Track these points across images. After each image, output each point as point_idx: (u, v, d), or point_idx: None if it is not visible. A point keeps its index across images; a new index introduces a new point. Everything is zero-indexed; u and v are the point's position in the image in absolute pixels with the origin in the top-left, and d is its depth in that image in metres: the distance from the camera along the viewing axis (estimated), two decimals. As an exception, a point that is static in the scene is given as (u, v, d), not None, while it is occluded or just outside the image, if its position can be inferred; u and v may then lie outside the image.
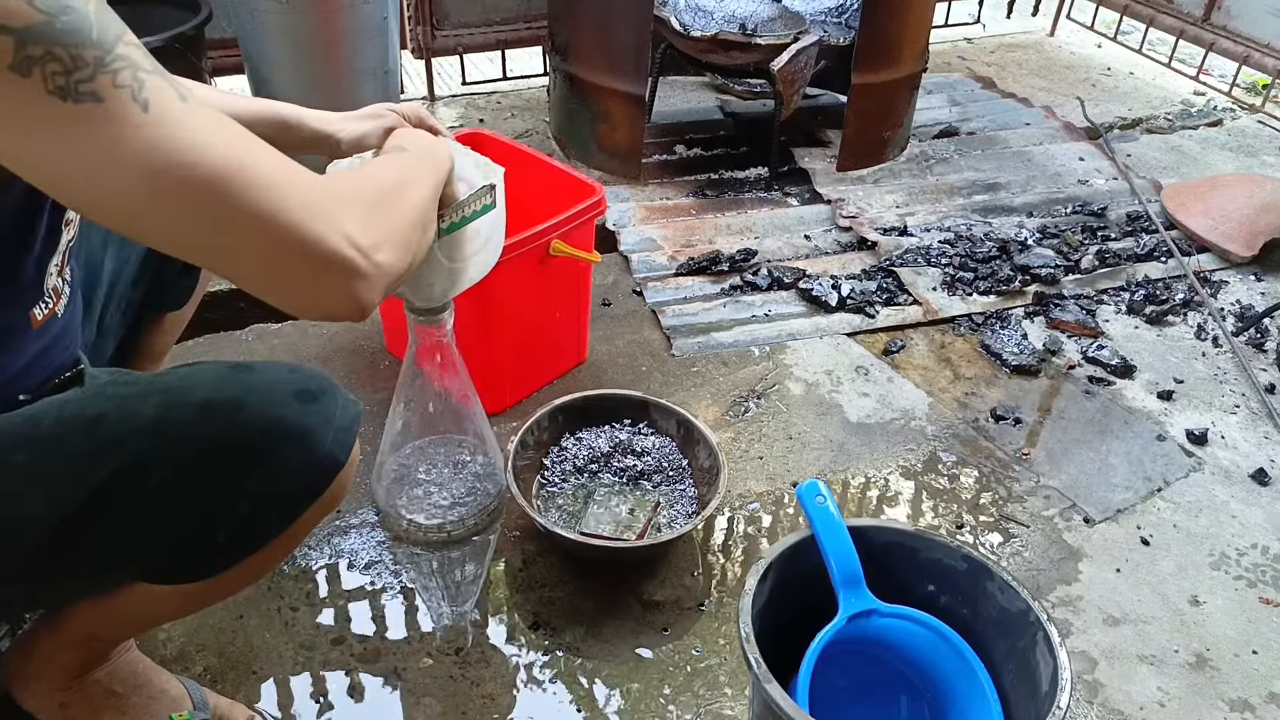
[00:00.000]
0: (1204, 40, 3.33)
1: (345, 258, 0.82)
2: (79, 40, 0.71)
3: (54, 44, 0.70)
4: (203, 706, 1.26)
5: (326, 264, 0.81)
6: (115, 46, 0.73)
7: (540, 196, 1.84)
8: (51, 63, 0.70)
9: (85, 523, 0.95)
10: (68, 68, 0.70)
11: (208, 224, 0.77)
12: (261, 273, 0.81)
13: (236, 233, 0.78)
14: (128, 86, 0.72)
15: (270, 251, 0.79)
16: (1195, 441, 1.90)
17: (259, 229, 0.78)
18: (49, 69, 0.70)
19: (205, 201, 0.75)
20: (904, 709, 1.30)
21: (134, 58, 0.74)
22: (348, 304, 0.85)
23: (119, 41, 0.73)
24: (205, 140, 0.75)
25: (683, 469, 1.70)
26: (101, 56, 0.72)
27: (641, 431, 1.74)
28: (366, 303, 0.86)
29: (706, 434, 1.66)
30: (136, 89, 0.73)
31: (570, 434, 1.73)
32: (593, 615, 1.50)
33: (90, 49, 0.71)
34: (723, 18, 2.64)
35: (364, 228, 0.85)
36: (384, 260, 0.86)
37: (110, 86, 0.72)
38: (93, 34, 0.71)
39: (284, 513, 1.05)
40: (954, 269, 2.32)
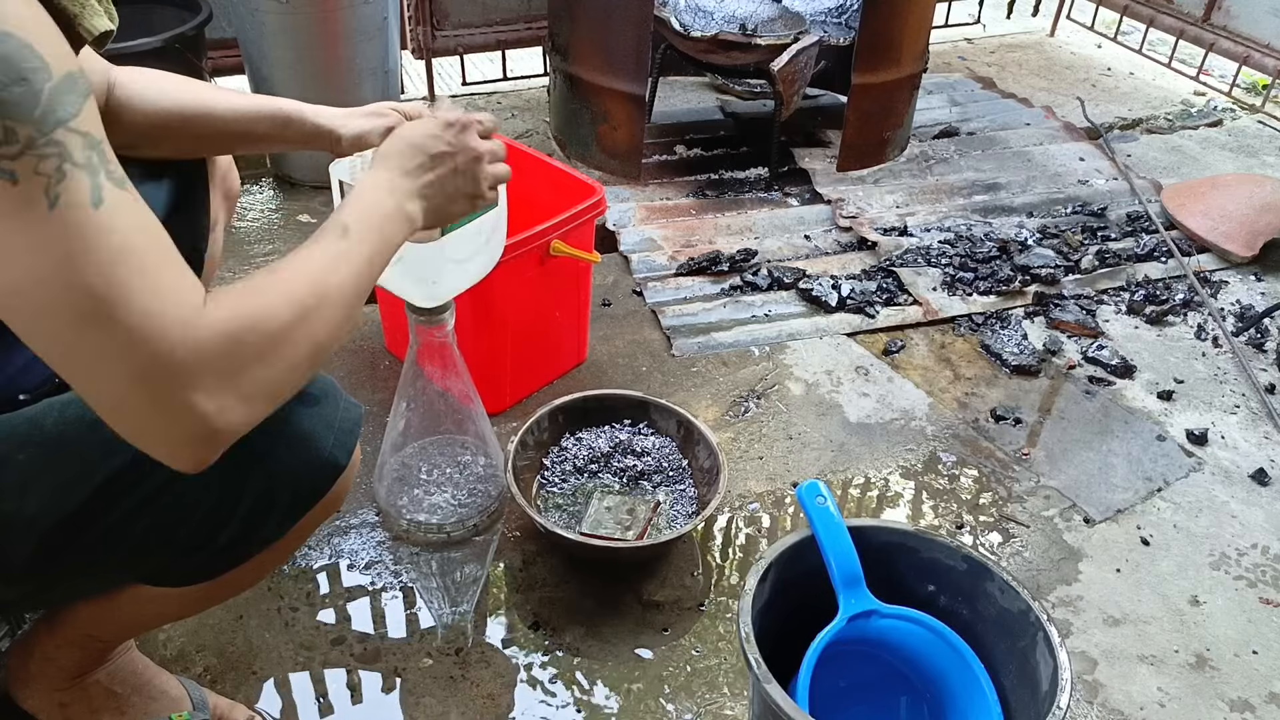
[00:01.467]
0: (1204, 40, 3.33)
1: (183, 424, 0.78)
2: (19, 115, 0.69)
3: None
4: (202, 707, 1.26)
5: (164, 421, 0.78)
6: (54, 131, 0.71)
7: (540, 196, 1.84)
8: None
9: (85, 524, 0.95)
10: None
11: (65, 337, 0.74)
12: (104, 407, 0.78)
13: (87, 356, 0.75)
14: (46, 176, 0.70)
15: (113, 386, 0.76)
16: (1195, 441, 1.90)
17: (108, 361, 0.74)
18: None
19: (69, 314, 0.73)
20: (904, 709, 1.30)
21: (68, 146, 0.71)
22: (179, 462, 0.81)
23: (60, 126, 0.71)
24: (92, 253, 0.72)
25: (683, 469, 1.70)
26: (34, 138, 0.70)
27: (641, 432, 1.74)
28: (197, 464, 0.82)
29: (706, 434, 1.66)
30: (54, 180, 0.71)
31: (570, 434, 1.73)
32: (593, 615, 1.50)
33: (26, 126, 0.69)
34: (723, 18, 2.64)
35: (221, 389, 0.79)
36: (229, 424, 0.81)
37: (30, 171, 0.70)
38: (35, 112, 0.70)
39: (284, 516, 1.05)
40: (954, 269, 2.32)
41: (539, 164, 1.91)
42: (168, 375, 0.76)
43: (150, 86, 1.15)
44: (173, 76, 1.22)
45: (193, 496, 0.97)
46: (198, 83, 1.26)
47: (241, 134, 1.26)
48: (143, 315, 0.74)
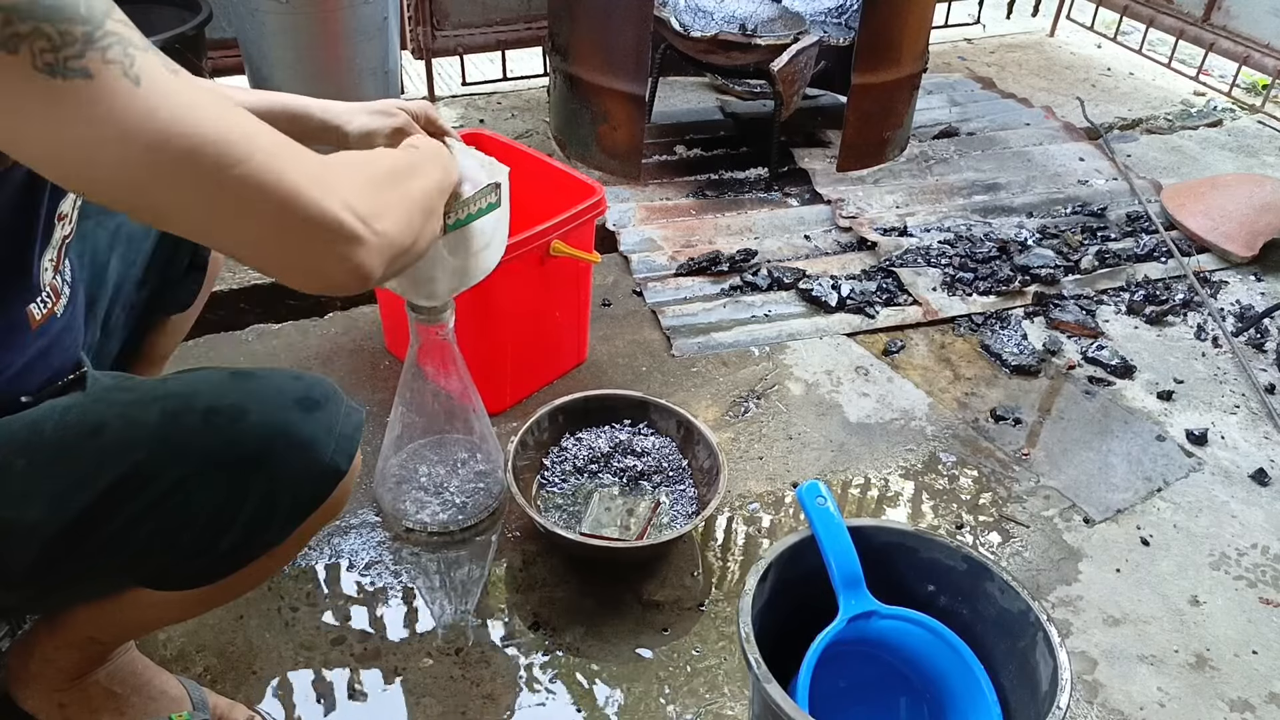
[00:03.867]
0: (1204, 40, 3.33)
1: (344, 222, 0.81)
2: (67, 16, 0.69)
3: (42, 20, 0.68)
4: (202, 707, 1.26)
5: (326, 229, 0.80)
6: (104, 23, 0.72)
7: (540, 196, 1.84)
8: (39, 39, 0.68)
9: (86, 529, 0.95)
10: (55, 44, 0.69)
11: (206, 192, 0.75)
12: (260, 240, 0.80)
13: (235, 200, 0.76)
14: (118, 62, 0.71)
15: (268, 217, 0.78)
16: (1195, 441, 1.90)
17: (258, 195, 0.77)
18: (37, 46, 0.68)
19: (203, 169, 0.74)
20: (903, 710, 1.30)
21: (123, 34, 0.73)
22: (347, 271, 0.83)
23: (107, 18, 0.72)
24: (200, 110, 0.74)
25: (683, 469, 1.70)
26: (90, 33, 0.70)
27: (641, 432, 1.74)
28: (367, 270, 0.84)
29: (706, 434, 1.66)
30: (127, 64, 0.72)
31: (570, 434, 1.73)
32: (593, 615, 1.50)
33: (79, 25, 0.70)
34: (723, 18, 2.64)
35: (365, 198, 0.84)
36: (385, 229, 0.85)
37: (100, 62, 0.70)
38: (80, 9, 0.70)
39: (285, 520, 1.05)
40: (954, 269, 2.32)
41: (539, 164, 1.91)
42: (312, 182, 0.79)
43: None
44: None
45: (194, 501, 0.97)
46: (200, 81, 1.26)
47: None
48: (272, 139, 0.78)
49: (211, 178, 0.75)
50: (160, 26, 2.22)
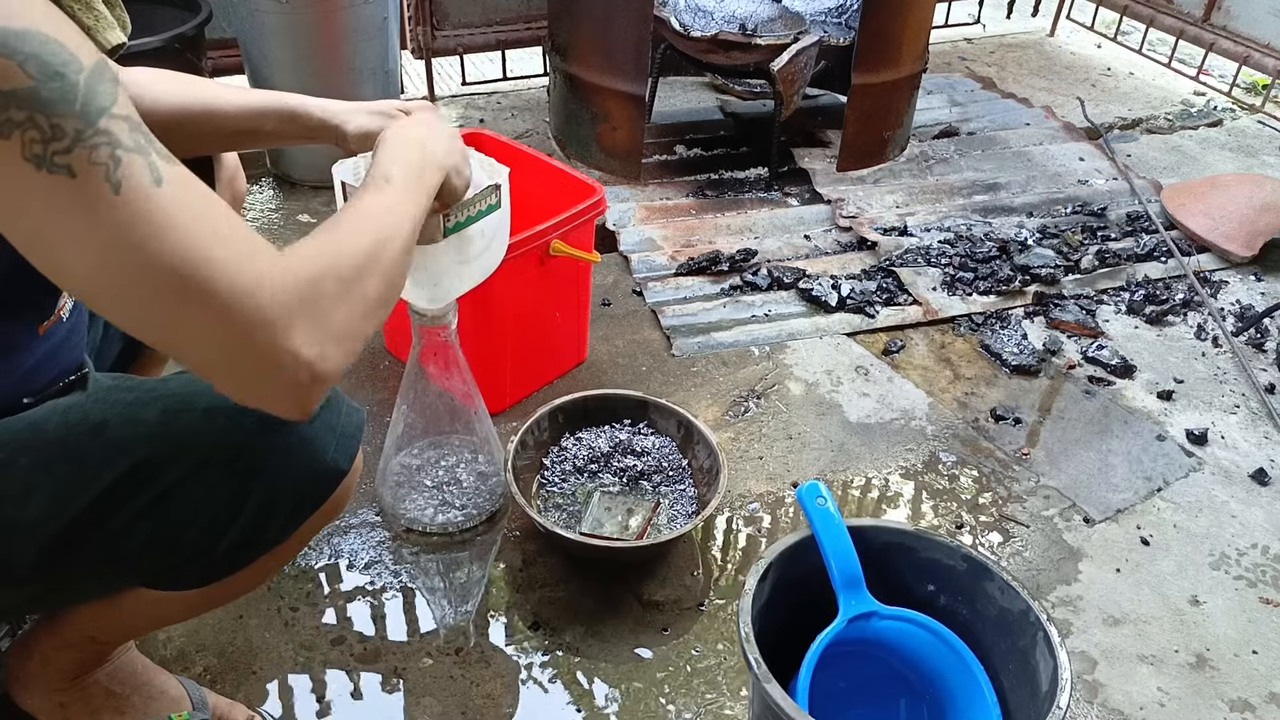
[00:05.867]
0: (1204, 40, 3.33)
1: (289, 372, 0.80)
2: (62, 111, 0.70)
3: (36, 110, 0.69)
4: (202, 707, 1.26)
5: (271, 373, 0.79)
6: (98, 120, 0.71)
7: (540, 196, 1.84)
8: (31, 129, 0.69)
9: (87, 528, 0.95)
10: (46, 137, 0.69)
11: (157, 313, 0.75)
12: (206, 366, 0.80)
13: (185, 328, 0.76)
14: (102, 164, 0.71)
15: (216, 351, 0.78)
16: (1195, 441, 1.90)
17: (207, 329, 0.76)
18: (28, 135, 0.69)
19: (158, 293, 0.74)
20: (903, 710, 1.30)
21: (116, 133, 0.72)
22: (287, 408, 0.83)
23: (103, 114, 0.72)
24: (168, 230, 0.73)
25: (682, 469, 1.70)
26: (82, 130, 0.71)
27: (641, 432, 1.74)
28: (309, 404, 0.84)
29: (706, 434, 1.66)
30: (111, 167, 0.71)
31: (570, 434, 1.73)
32: (593, 615, 1.50)
33: (72, 120, 0.70)
34: (723, 18, 2.64)
35: (315, 333, 0.81)
36: (330, 366, 0.83)
37: (85, 162, 0.70)
38: (77, 105, 0.70)
39: (286, 520, 1.05)
40: (954, 269, 2.32)
41: (539, 164, 1.91)
42: (263, 329, 0.78)
43: (154, 86, 1.15)
44: (176, 75, 1.22)
45: (195, 501, 0.97)
46: (202, 80, 1.26)
47: (249, 131, 1.27)
48: (230, 278, 0.76)
49: (162, 302, 0.75)
50: (160, 26, 2.22)
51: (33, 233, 0.72)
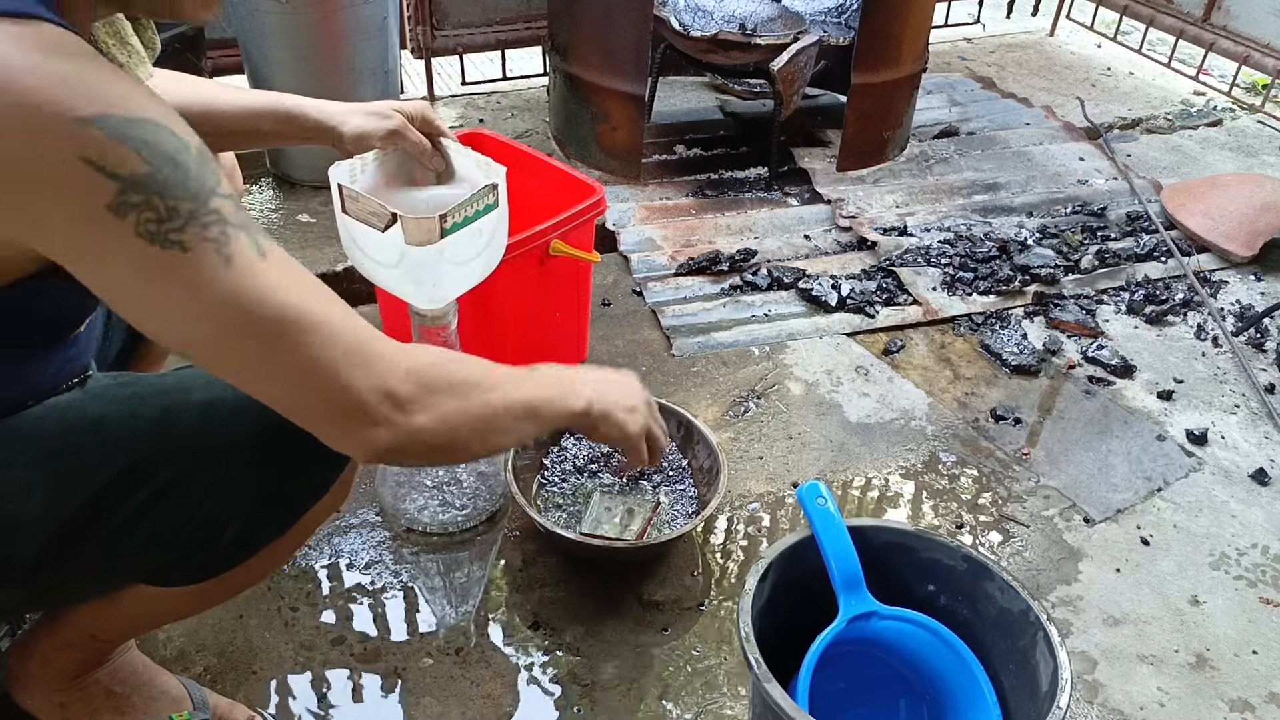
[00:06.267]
0: (1204, 40, 3.33)
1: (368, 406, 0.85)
2: (177, 193, 0.76)
3: (153, 194, 0.74)
4: (203, 707, 1.26)
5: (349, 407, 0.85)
6: (209, 200, 0.78)
7: (540, 196, 1.84)
8: (147, 210, 0.74)
9: (88, 524, 0.95)
10: (161, 217, 0.75)
11: (255, 363, 0.82)
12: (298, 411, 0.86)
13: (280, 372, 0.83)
14: (214, 240, 0.77)
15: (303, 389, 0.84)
16: (1195, 441, 1.90)
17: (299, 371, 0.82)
18: (144, 215, 0.74)
19: (261, 346, 0.81)
20: (903, 710, 1.30)
21: (224, 211, 0.78)
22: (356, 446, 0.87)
23: (213, 195, 0.78)
24: (281, 293, 0.80)
25: (683, 469, 1.70)
26: (195, 210, 0.77)
27: None
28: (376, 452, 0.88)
29: (706, 434, 1.66)
30: (222, 243, 0.78)
31: (571, 433, 1.73)
32: (593, 615, 1.50)
33: (186, 201, 0.76)
34: (723, 18, 2.64)
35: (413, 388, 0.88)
36: (419, 423, 0.89)
37: (198, 239, 0.77)
38: (190, 186, 0.77)
39: (286, 514, 1.05)
40: (954, 269, 2.32)
41: (539, 164, 1.91)
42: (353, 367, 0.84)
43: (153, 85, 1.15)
44: (175, 74, 1.22)
45: (195, 495, 0.97)
46: (201, 80, 1.26)
47: (246, 132, 1.27)
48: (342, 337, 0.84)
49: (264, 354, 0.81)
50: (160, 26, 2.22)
51: (141, 301, 0.78)
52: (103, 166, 0.73)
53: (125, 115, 0.74)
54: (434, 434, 0.90)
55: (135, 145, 0.74)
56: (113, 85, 0.76)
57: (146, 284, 0.77)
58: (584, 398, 1.12)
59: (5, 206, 0.75)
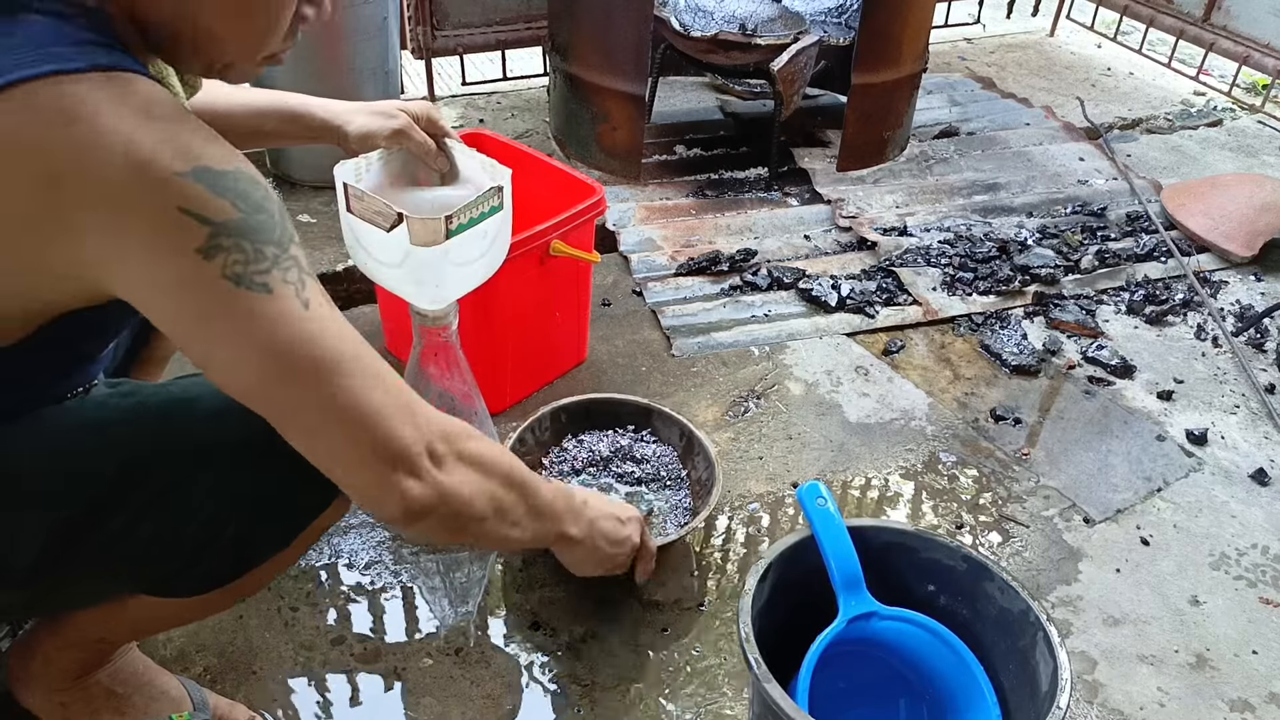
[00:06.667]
0: (1204, 40, 3.33)
1: (410, 452, 0.89)
2: (264, 238, 0.81)
3: (243, 238, 0.80)
4: (203, 707, 1.26)
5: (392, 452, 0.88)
6: (289, 247, 0.83)
7: (540, 196, 1.84)
8: (236, 253, 0.79)
9: (87, 530, 0.95)
10: (249, 259, 0.80)
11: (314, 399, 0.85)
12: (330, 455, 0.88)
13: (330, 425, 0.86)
14: (294, 284, 0.83)
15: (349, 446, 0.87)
16: (1195, 441, 1.90)
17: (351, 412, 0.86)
18: (232, 258, 0.79)
19: (325, 382, 0.85)
20: (903, 710, 1.30)
21: (299, 259, 0.84)
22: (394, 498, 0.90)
23: (292, 243, 0.84)
24: (342, 340, 0.86)
25: (681, 478, 1.68)
26: (279, 255, 0.82)
27: (644, 439, 1.73)
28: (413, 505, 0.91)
29: (707, 446, 1.65)
30: (299, 287, 0.83)
31: (572, 435, 1.72)
32: (592, 615, 1.50)
33: (271, 246, 0.82)
34: (723, 18, 2.64)
35: (454, 451, 0.94)
36: (452, 482, 0.93)
37: (281, 282, 0.82)
38: (276, 233, 0.82)
39: (290, 522, 1.05)
40: (954, 269, 2.32)
41: (539, 164, 1.91)
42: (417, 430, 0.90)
43: None
44: None
45: (196, 504, 0.97)
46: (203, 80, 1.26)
47: (250, 131, 1.27)
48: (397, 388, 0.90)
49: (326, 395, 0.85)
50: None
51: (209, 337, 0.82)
52: (199, 214, 0.78)
53: (219, 168, 0.80)
54: (459, 500, 0.94)
55: (229, 195, 0.79)
56: (203, 138, 0.81)
57: (225, 322, 0.80)
58: (575, 535, 1.18)
59: (94, 245, 0.78)
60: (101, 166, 0.76)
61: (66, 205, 0.76)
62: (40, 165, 0.76)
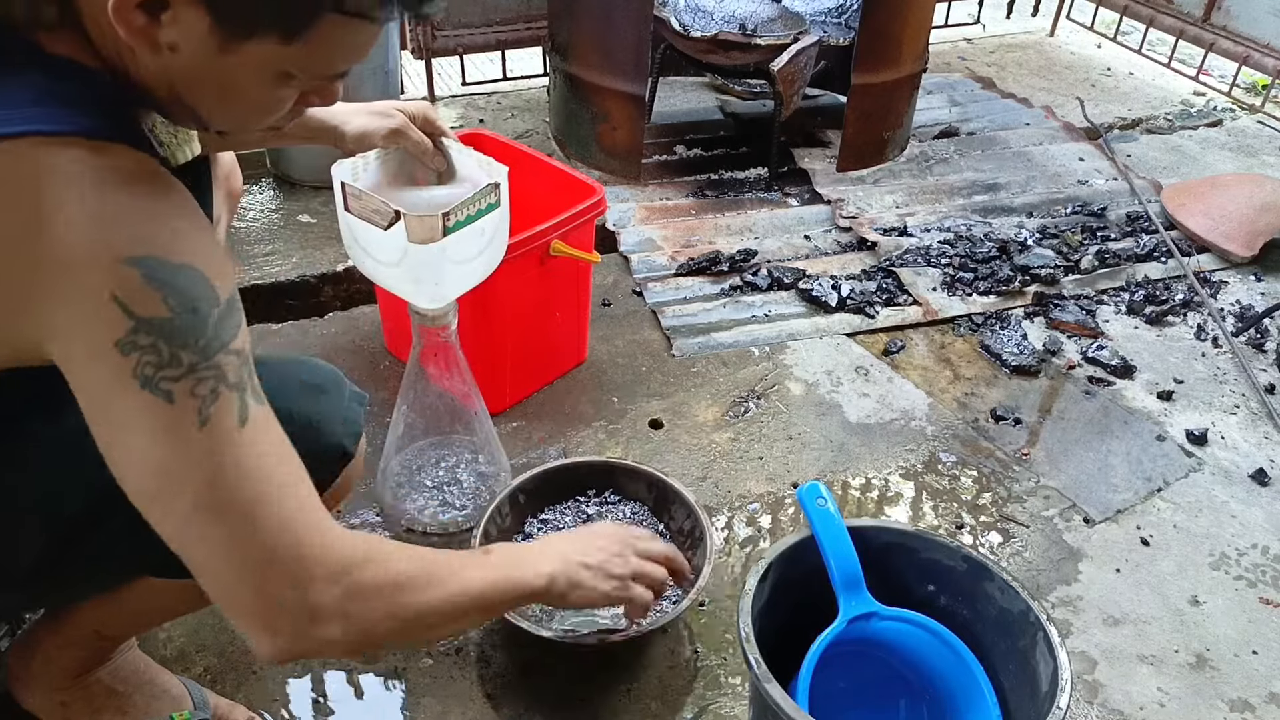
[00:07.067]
0: (1204, 40, 3.33)
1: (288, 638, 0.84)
2: (185, 342, 0.77)
3: (161, 339, 0.76)
4: (203, 706, 1.26)
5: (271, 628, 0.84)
6: (215, 355, 0.79)
7: (540, 196, 1.84)
8: (150, 354, 0.76)
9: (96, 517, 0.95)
10: (162, 363, 0.76)
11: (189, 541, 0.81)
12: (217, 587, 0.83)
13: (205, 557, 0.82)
14: (200, 398, 0.78)
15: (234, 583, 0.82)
16: (1195, 441, 1.90)
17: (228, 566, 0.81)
18: (145, 358, 0.76)
19: (197, 528, 0.80)
20: (903, 711, 1.30)
21: (225, 369, 0.79)
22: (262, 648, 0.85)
23: (221, 350, 0.79)
24: (230, 475, 0.80)
25: (659, 535, 1.53)
26: (196, 363, 0.78)
27: (609, 501, 1.61)
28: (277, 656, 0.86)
29: (683, 493, 1.53)
30: (207, 402, 0.78)
31: (533, 516, 1.58)
32: (593, 615, 1.50)
33: (191, 353, 0.77)
34: (723, 18, 2.64)
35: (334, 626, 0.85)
36: (329, 635, 0.86)
37: (186, 394, 0.77)
38: (200, 340, 0.78)
39: None
40: (954, 269, 2.32)
41: (539, 164, 1.91)
42: (291, 581, 0.83)
43: None
44: None
45: None
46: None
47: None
48: (278, 528, 0.82)
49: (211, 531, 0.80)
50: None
51: (109, 428, 0.79)
52: (127, 306, 0.75)
53: (166, 259, 0.77)
54: (347, 643, 0.88)
55: (164, 290, 0.76)
56: (167, 223, 0.78)
57: (123, 420, 0.78)
58: (544, 574, 1.07)
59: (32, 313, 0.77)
60: (54, 237, 0.75)
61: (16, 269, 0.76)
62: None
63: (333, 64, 0.86)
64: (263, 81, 0.84)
